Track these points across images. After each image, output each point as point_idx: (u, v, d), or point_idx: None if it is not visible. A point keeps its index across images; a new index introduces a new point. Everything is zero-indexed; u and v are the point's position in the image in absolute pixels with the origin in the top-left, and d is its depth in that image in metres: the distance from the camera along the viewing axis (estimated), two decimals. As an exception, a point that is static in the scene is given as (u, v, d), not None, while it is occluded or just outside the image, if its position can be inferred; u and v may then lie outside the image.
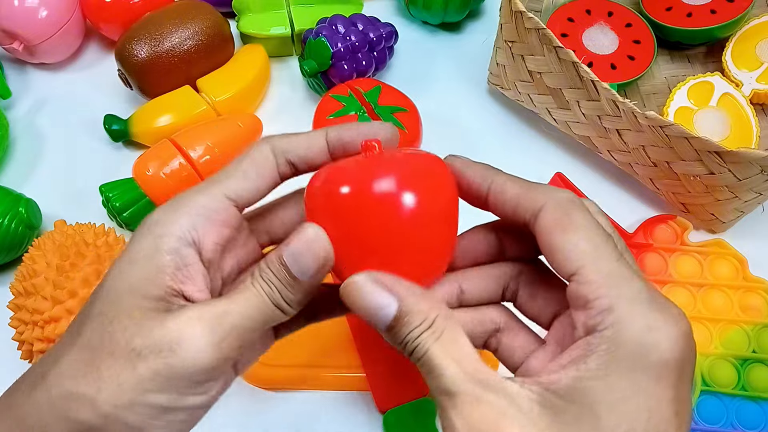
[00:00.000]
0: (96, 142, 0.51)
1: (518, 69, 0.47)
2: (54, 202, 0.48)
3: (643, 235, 0.44)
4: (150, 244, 0.24)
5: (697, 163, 0.40)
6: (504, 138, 0.51)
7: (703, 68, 0.54)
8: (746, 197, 0.41)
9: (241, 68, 0.51)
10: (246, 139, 0.47)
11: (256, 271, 0.24)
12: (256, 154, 0.26)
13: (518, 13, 0.43)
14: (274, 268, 0.24)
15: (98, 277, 0.36)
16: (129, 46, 0.48)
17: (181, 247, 0.24)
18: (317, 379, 0.40)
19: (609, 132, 0.44)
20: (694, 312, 0.42)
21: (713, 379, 0.40)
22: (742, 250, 0.44)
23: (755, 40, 0.51)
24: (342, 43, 0.48)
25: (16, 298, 0.36)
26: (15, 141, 0.51)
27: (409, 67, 0.55)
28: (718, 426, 0.38)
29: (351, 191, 0.24)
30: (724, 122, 0.48)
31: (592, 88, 0.42)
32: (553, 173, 0.47)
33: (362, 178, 0.24)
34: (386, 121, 0.43)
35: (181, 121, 0.48)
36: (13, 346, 0.38)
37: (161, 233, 0.24)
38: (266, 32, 0.53)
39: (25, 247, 0.44)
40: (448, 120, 0.52)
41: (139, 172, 0.44)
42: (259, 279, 0.24)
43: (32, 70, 0.56)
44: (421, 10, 0.55)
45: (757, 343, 0.40)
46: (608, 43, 0.52)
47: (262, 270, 0.24)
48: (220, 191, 0.25)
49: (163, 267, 0.23)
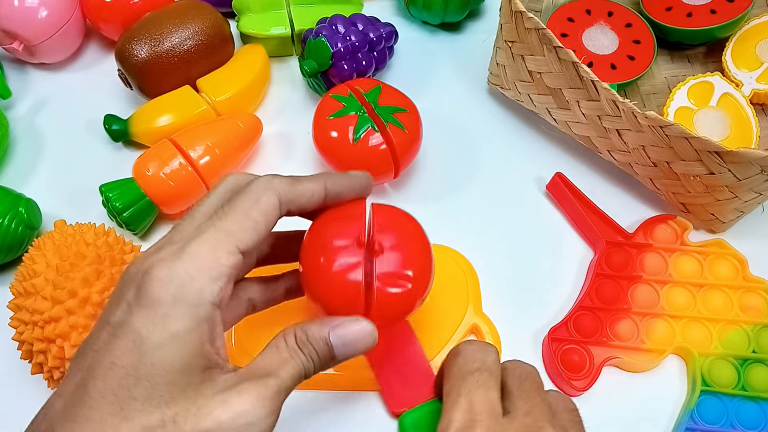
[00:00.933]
0: (96, 142, 0.51)
1: (518, 69, 0.47)
2: (54, 202, 0.48)
3: (643, 235, 0.44)
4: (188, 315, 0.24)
5: (697, 163, 0.40)
6: (504, 138, 0.51)
7: (703, 68, 0.54)
8: (746, 197, 0.41)
9: (241, 68, 0.51)
10: (246, 139, 0.47)
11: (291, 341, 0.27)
12: (265, 205, 0.27)
13: (518, 13, 0.43)
14: (318, 347, 0.27)
15: (98, 277, 0.36)
16: (129, 46, 0.48)
17: (213, 313, 0.25)
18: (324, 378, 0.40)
19: (609, 132, 0.44)
20: (694, 312, 0.42)
21: (713, 379, 0.40)
22: (742, 250, 0.44)
23: (755, 40, 0.51)
24: (342, 43, 0.48)
25: (16, 298, 0.36)
26: (15, 141, 0.51)
27: (409, 67, 0.55)
28: (718, 426, 0.38)
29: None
30: (724, 122, 0.48)
31: (592, 88, 0.42)
32: (553, 173, 0.47)
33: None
34: (386, 120, 0.44)
35: (181, 121, 0.48)
36: (13, 346, 0.38)
37: (197, 302, 0.24)
38: (266, 32, 0.53)
39: (25, 247, 0.44)
40: (448, 120, 0.52)
41: (139, 172, 0.44)
42: (300, 353, 0.27)
43: (32, 70, 0.56)
44: (421, 10, 0.55)
45: (757, 343, 0.40)
46: (608, 43, 0.52)
47: (303, 344, 0.27)
48: (235, 246, 0.26)
49: (205, 337, 0.25)
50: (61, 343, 0.34)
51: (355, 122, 0.43)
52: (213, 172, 0.45)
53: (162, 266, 0.25)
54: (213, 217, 0.27)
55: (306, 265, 0.30)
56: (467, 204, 0.48)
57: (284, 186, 0.28)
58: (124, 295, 0.25)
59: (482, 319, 0.42)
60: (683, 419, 0.39)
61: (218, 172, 0.46)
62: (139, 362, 0.23)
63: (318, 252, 0.30)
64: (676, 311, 0.42)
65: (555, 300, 0.44)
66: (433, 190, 0.49)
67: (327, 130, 0.44)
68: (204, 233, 0.26)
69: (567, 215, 0.47)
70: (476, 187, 0.49)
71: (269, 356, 0.26)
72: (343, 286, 0.29)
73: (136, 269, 0.26)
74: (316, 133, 0.46)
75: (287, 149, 0.51)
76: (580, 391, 0.39)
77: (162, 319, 0.24)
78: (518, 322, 0.42)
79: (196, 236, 0.26)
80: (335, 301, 0.30)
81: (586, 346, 0.40)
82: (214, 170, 0.45)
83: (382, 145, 0.43)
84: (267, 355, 0.26)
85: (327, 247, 0.30)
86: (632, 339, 0.41)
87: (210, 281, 0.25)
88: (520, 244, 0.46)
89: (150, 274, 0.24)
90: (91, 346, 0.25)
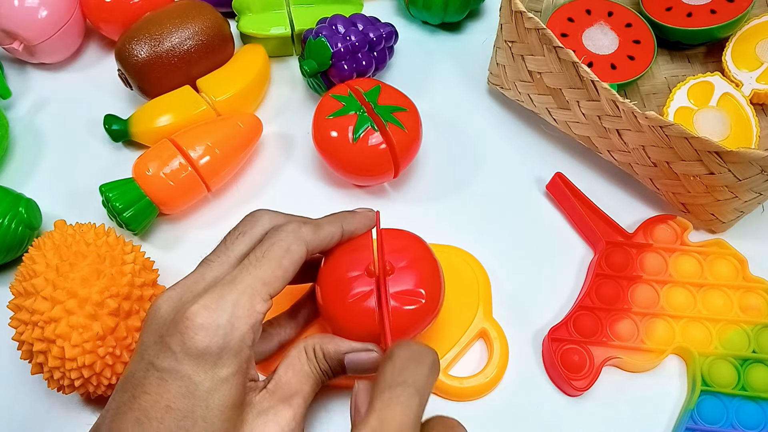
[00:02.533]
0: (96, 142, 0.51)
1: (518, 69, 0.47)
2: (54, 202, 0.48)
3: (643, 235, 0.44)
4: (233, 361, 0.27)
5: (697, 163, 0.40)
6: (504, 138, 0.51)
7: (703, 68, 0.54)
8: (746, 197, 0.41)
9: (241, 68, 0.51)
10: (246, 139, 0.47)
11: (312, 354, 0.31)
12: (295, 254, 0.30)
13: (518, 13, 0.43)
14: (334, 365, 0.31)
15: (98, 277, 0.36)
16: (129, 46, 0.48)
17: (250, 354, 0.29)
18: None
19: (609, 132, 0.44)
20: (694, 312, 0.42)
21: (713, 379, 0.40)
22: (742, 250, 0.44)
23: (755, 40, 0.51)
24: (342, 43, 0.48)
25: (16, 299, 0.36)
26: (15, 141, 0.51)
27: (409, 67, 0.55)
28: (718, 426, 0.38)
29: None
30: (724, 122, 0.48)
31: (592, 88, 0.42)
32: (553, 173, 0.47)
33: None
34: (386, 120, 0.44)
35: (181, 121, 0.48)
36: (13, 346, 0.38)
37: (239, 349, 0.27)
38: (266, 32, 0.53)
39: (25, 247, 0.44)
40: (448, 120, 0.52)
41: (139, 172, 0.44)
42: (318, 370, 0.31)
43: (32, 70, 0.56)
44: (421, 10, 0.55)
45: (757, 343, 0.40)
46: (608, 43, 0.52)
47: (321, 361, 0.31)
48: (268, 294, 0.29)
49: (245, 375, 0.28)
50: (61, 344, 0.34)
51: (355, 122, 0.43)
52: (213, 172, 0.45)
53: (204, 313, 0.27)
54: (248, 264, 0.29)
55: (324, 297, 0.34)
56: (467, 204, 0.48)
57: (310, 235, 0.31)
58: (166, 342, 0.27)
59: (491, 324, 0.41)
60: (683, 419, 0.39)
61: (218, 172, 0.46)
62: (195, 405, 0.26)
63: (334, 284, 0.34)
64: (676, 311, 0.42)
65: (555, 300, 0.44)
66: (432, 190, 0.49)
67: (327, 130, 0.44)
68: (242, 282, 0.28)
69: (567, 215, 0.47)
70: (476, 187, 0.49)
71: (292, 372, 0.30)
72: (359, 314, 0.33)
73: (172, 308, 0.28)
74: (316, 133, 0.46)
75: (287, 149, 0.51)
76: (580, 391, 0.39)
77: (211, 367, 0.27)
78: (518, 322, 0.42)
79: (233, 283, 0.28)
80: (353, 327, 0.33)
81: (586, 346, 0.40)
82: (214, 170, 0.45)
83: (381, 144, 0.43)
84: (290, 371, 0.30)
85: (342, 279, 0.34)
86: (632, 339, 0.41)
87: (249, 329, 0.28)
88: (520, 244, 0.46)
89: (193, 321, 0.27)
90: (142, 389, 0.27)
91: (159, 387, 0.26)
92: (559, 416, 0.40)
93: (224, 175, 0.47)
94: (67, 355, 0.34)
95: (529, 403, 0.40)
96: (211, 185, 0.46)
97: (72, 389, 0.36)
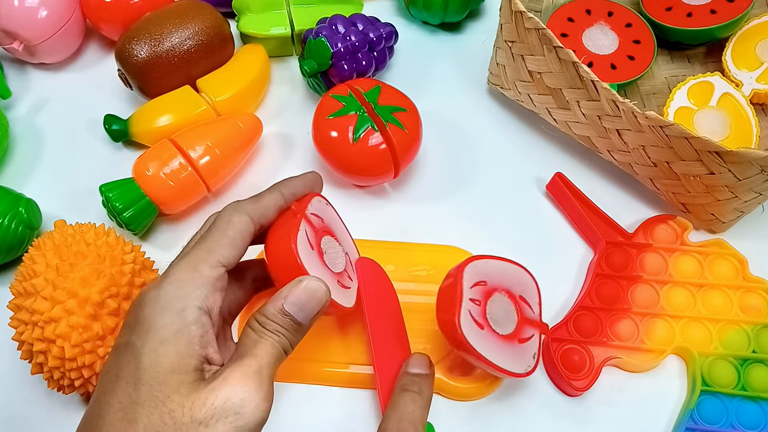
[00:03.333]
0: (96, 142, 0.51)
1: (518, 69, 0.47)
2: (54, 202, 0.48)
3: (643, 235, 0.44)
4: (175, 320, 0.27)
5: (697, 163, 0.40)
6: (504, 138, 0.51)
7: (703, 68, 0.54)
8: (746, 197, 0.41)
9: (241, 68, 0.51)
10: (246, 139, 0.47)
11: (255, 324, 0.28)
12: (238, 224, 0.31)
13: (518, 13, 0.43)
14: (279, 319, 0.28)
15: (98, 277, 0.36)
16: (129, 46, 0.48)
17: (200, 317, 0.27)
18: (318, 373, 0.40)
19: (609, 132, 0.44)
20: (694, 312, 0.42)
21: (713, 379, 0.40)
22: (742, 250, 0.44)
23: (755, 40, 0.51)
24: (342, 43, 0.48)
25: (16, 299, 0.36)
26: (15, 141, 0.51)
27: (409, 67, 0.55)
28: (718, 426, 0.38)
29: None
30: (724, 122, 0.48)
31: (592, 88, 0.42)
32: (553, 173, 0.47)
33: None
34: (386, 120, 0.44)
35: (181, 121, 0.48)
36: (13, 346, 0.38)
37: (182, 307, 0.27)
38: (266, 32, 0.53)
39: (25, 247, 0.44)
40: (448, 120, 0.52)
41: (139, 172, 0.44)
42: (266, 332, 0.28)
43: (32, 70, 0.56)
44: (421, 10, 0.55)
45: (757, 343, 0.40)
46: (608, 43, 0.52)
47: (264, 324, 0.28)
48: (216, 260, 0.29)
49: (193, 338, 0.27)
50: (61, 343, 0.34)
51: (355, 122, 0.43)
52: (213, 172, 0.45)
53: (152, 289, 0.28)
54: (192, 243, 0.31)
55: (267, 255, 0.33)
56: (467, 204, 0.48)
57: (250, 205, 0.32)
58: (127, 323, 0.28)
59: None
60: (683, 419, 0.39)
61: (218, 172, 0.46)
62: (137, 370, 0.26)
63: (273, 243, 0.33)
64: (676, 311, 0.42)
65: (555, 300, 0.44)
66: (432, 190, 0.49)
67: (327, 130, 0.44)
68: (187, 255, 0.29)
69: (567, 215, 0.47)
70: (476, 187, 0.49)
71: (242, 344, 0.28)
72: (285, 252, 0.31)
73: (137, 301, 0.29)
74: (316, 133, 0.46)
75: (287, 149, 0.51)
76: (580, 391, 0.39)
77: (152, 328, 0.27)
78: (518, 322, 0.42)
79: (179, 260, 0.29)
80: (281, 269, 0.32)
81: (586, 346, 0.40)
82: (214, 170, 0.45)
83: (381, 144, 0.43)
84: (240, 345, 0.28)
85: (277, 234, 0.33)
86: (632, 339, 0.41)
87: (194, 288, 0.28)
88: (520, 244, 0.46)
89: (143, 299, 0.28)
90: (104, 369, 0.28)
91: (114, 362, 0.27)
92: (559, 416, 0.40)
93: (224, 175, 0.47)
94: (67, 355, 0.34)
95: (529, 403, 0.40)
96: (211, 185, 0.46)
97: (72, 389, 0.36)
